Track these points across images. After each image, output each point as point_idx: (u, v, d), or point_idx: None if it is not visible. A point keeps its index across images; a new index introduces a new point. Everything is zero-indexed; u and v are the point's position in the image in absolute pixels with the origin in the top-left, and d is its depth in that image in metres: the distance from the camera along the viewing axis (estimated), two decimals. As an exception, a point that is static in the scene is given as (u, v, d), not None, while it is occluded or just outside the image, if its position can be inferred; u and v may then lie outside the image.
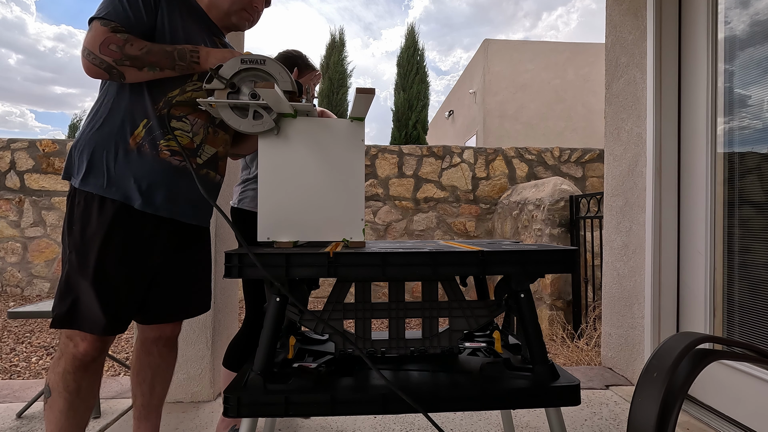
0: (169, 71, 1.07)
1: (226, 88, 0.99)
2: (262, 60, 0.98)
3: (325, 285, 4.37)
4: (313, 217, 1.01)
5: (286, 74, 0.99)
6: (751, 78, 1.63)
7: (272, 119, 0.99)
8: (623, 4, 2.21)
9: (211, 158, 1.19)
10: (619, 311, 2.23)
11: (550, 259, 0.89)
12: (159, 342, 1.27)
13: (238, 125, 0.99)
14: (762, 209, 1.60)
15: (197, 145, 1.15)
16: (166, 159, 1.10)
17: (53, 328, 1.07)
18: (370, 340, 0.95)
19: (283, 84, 0.98)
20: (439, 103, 21.55)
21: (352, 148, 1.03)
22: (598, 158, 5.06)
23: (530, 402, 0.85)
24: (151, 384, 1.28)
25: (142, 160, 1.07)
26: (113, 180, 1.06)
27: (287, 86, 0.98)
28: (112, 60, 1.01)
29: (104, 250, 1.04)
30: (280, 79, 0.98)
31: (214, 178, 1.23)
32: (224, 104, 0.99)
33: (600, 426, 1.68)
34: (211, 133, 1.17)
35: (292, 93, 1.00)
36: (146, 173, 1.08)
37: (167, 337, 1.28)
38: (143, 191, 1.07)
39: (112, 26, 1.02)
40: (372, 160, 4.99)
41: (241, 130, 0.99)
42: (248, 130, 0.99)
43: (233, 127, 0.99)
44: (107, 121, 1.08)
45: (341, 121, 1.04)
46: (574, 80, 11.22)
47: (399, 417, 1.73)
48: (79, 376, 1.08)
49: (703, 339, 0.57)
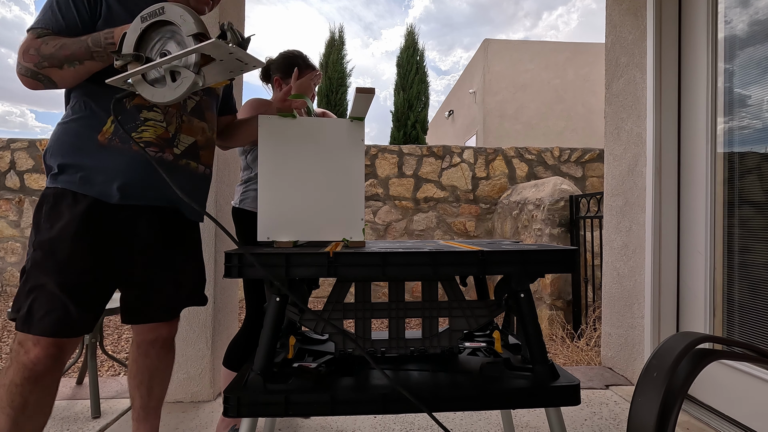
0: (91, 62, 0.99)
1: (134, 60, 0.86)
2: (160, 10, 0.85)
3: (325, 285, 4.37)
4: (313, 217, 1.01)
5: (190, 16, 0.84)
6: (751, 78, 1.63)
7: (193, 72, 0.84)
8: (623, 4, 2.21)
9: (189, 148, 1.14)
10: (619, 311, 2.23)
11: (550, 259, 0.89)
12: (156, 344, 1.24)
13: (162, 97, 0.86)
14: (762, 209, 1.60)
15: (172, 135, 1.10)
16: (140, 151, 1.05)
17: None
18: (370, 339, 0.95)
19: (187, 28, 0.83)
20: (439, 103, 21.55)
21: (352, 148, 1.03)
22: (598, 158, 5.06)
23: (530, 402, 0.85)
24: (149, 386, 1.26)
25: (115, 156, 1.03)
26: (87, 176, 1.01)
27: (191, 28, 0.83)
28: (33, 64, 0.97)
29: (74, 245, 0.99)
30: (182, 22, 0.83)
31: (197, 168, 1.18)
32: (138, 79, 0.87)
33: (600, 426, 1.68)
34: (185, 122, 1.13)
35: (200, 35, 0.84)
36: (122, 168, 1.03)
37: (164, 339, 1.25)
38: (119, 186, 1.03)
39: (38, 32, 0.99)
40: (372, 160, 4.99)
41: (165, 101, 0.87)
42: (171, 97, 0.86)
43: (157, 101, 0.88)
44: (75, 120, 1.04)
45: (341, 121, 1.04)
46: (574, 80, 11.22)
47: (399, 417, 1.73)
48: (27, 390, 0.96)
49: (703, 339, 0.57)
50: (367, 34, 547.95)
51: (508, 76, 11.19)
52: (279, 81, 1.62)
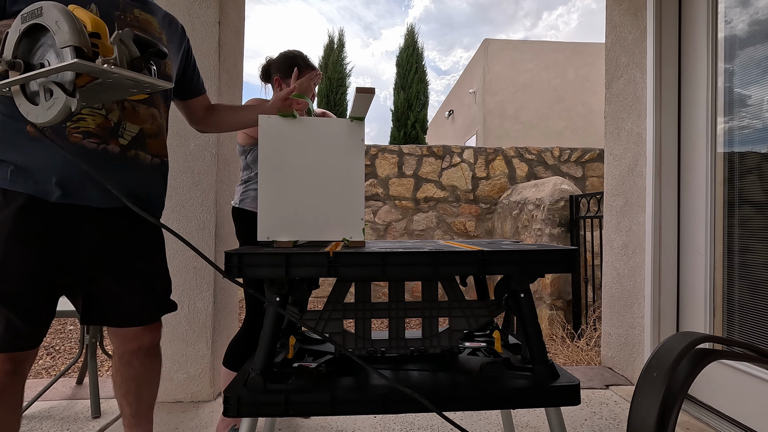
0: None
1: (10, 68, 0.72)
2: (38, 10, 0.69)
3: (325, 285, 4.37)
4: (313, 216, 1.01)
5: (66, 21, 0.67)
6: (751, 77, 1.63)
7: (66, 92, 0.69)
8: (623, 4, 2.21)
9: (136, 137, 1.04)
10: (619, 311, 2.23)
11: (550, 259, 0.89)
12: (139, 353, 1.14)
13: (35, 117, 0.72)
14: (762, 209, 1.60)
15: (115, 124, 0.99)
16: (79, 143, 0.94)
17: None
18: (370, 339, 0.95)
19: (61, 37, 0.67)
20: (439, 103, 21.55)
21: (352, 148, 1.03)
22: (598, 158, 5.06)
23: (530, 402, 0.85)
24: (137, 394, 1.18)
25: (49, 148, 0.91)
26: (18, 172, 0.91)
27: (65, 39, 0.66)
28: None
29: (8, 249, 0.90)
30: (56, 30, 0.67)
31: (145, 159, 1.07)
32: (16, 89, 0.74)
33: (600, 426, 1.68)
34: (129, 109, 1.02)
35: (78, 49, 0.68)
36: (59, 162, 0.92)
37: (147, 347, 1.15)
38: (58, 182, 0.93)
39: None
40: (372, 160, 4.99)
41: (38, 123, 0.73)
42: (43, 118, 0.71)
43: (31, 121, 0.74)
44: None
45: (341, 120, 1.04)
46: (574, 80, 11.22)
47: (399, 417, 1.73)
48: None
49: (703, 339, 0.57)
50: (367, 34, 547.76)
51: (508, 76, 11.19)
52: (279, 81, 1.62)
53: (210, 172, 1.94)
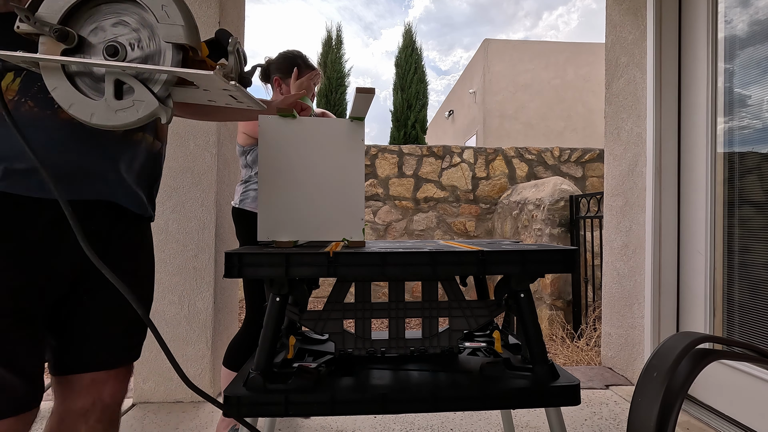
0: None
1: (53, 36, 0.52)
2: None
3: (325, 285, 4.37)
4: (313, 217, 1.01)
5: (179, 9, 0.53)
6: (751, 78, 1.63)
7: (158, 97, 0.55)
8: (623, 4, 2.21)
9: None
10: (619, 311, 2.23)
11: (550, 259, 0.89)
12: (90, 416, 0.80)
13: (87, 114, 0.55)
14: (762, 209, 1.60)
15: None
16: (71, 120, 0.71)
17: None
18: (370, 339, 0.95)
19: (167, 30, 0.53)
20: (439, 103, 21.55)
21: (352, 148, 1.03)
22: (598, 158, 5.06)
23: (530, 402, 0.85)
24: None
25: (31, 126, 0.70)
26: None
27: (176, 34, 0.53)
28: None
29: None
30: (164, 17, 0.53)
31: (153, 145, 0.89)
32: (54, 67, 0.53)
33: (600, 426, 1.68)
34: None
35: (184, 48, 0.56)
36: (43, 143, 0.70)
37: (103, 407, 0.81)
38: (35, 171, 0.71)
39: None
40: (372, 160, 4.99)
41: (91, 123, 0.56)
42: (105, 120, 0.55)
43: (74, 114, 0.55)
44: None
45: (341, 121, 1.04)
46: (574, 80, 11.22)
47: (399, 417, 1.73)
48: None
49: (703, 339, 0.57)
50: (367, 34, 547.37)
51: (508, 76, 11.19)
52: (279, 81, 1.62)
53: (210, 172, 1.94)
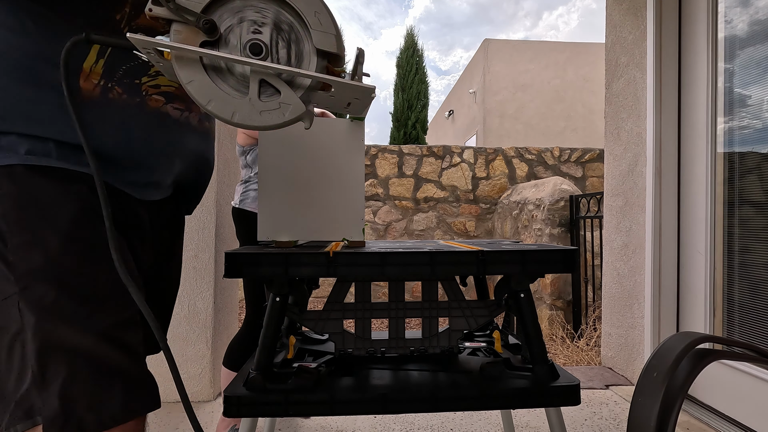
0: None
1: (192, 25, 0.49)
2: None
3: (325, 285, 4.37)
4: (313, 217, 1.01)
5: (328, 15, 0.52)
6: (751, 77, 1.63)
7: (303, 101, 0.53)
8: (623, 4, 2.21)
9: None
10: (619, 311, 2.23)
11: (550, 259, 0.89)
12: None
13: (229, 112, 0.51)
14: (762, 209, 1.60)
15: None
16: (160, 109, 0.67)
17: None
18: (370, 339, 0.95)
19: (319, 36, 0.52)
20: (439, 103, 21.56)
21: (352, 148, 1.03)
22: (598, 158, 5.06)
23: (530, 402, 0.85)
24: None
25: (120, 115, 0.62)
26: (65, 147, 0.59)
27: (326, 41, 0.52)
28: None
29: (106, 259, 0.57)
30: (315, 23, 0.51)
31: (212, 134, 0.86)
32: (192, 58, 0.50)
33: (600, 426, 1.68)
34: None
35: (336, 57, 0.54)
36: (132, 135, 0.63)
37: None
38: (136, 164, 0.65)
39: None
40: (372, 160, 4.99)
41: (232, 121, 0.52)
42: (249, 120, 0.52)
43: (217, 114, 0.51)
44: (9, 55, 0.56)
45: (341, 120, 1.04)
46: (574, 80, 11.22)
47: (399, 417, 1.73)
48: None
49: (703, 339, 0.57)
50: (367, 34, 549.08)
51: (508, 76, 11.20)
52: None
53: (210, 172, 1.94)
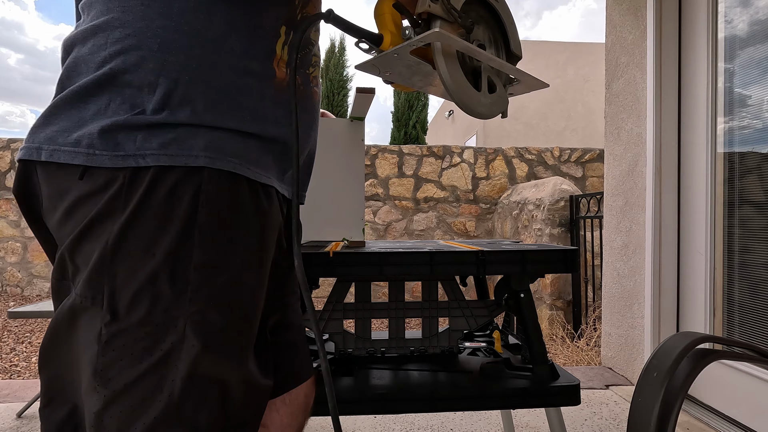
0: None
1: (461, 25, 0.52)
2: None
3: (325, 285, 4.38)
4: (313, 217, 1.01)
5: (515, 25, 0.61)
6: (752, 78, 1.63)
7: (506, 93, 0.62)
8: (623, 4, 2.21)
9: None
10: (619, 311, 2.23)
11: (550, 259, 0.89)
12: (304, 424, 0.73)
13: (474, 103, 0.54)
14: (762, 209, 1.60)
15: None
16: (317, 98, 0.67)
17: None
18: (370, 339, 0.95)
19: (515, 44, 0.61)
20: (439, 103, 21.56)
21: (352, 148, 1.03)
22: (598, 158, 5.06)
23: (530, 402, 0.85)
24: None
25: (303, 107, 0.60)
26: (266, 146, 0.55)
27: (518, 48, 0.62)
28: None
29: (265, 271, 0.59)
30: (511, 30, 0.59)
31: None
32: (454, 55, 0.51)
33: (600, 426, 1.68)
34: None
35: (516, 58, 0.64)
36: (304, 128, 0.62)
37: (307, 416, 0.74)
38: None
39: None
40: (372, 160, 4.99)
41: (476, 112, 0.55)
42: (484, 109, 0.55)
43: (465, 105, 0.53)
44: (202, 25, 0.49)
45: (341, 120, 1.04)
46: (574, 80, 11.23)
47: (399, 417, 1.73)
48: None
49: (703, 339, 0.56)
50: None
51: (508, 76, 11.19)
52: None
53: (210, 172, 1.93)
